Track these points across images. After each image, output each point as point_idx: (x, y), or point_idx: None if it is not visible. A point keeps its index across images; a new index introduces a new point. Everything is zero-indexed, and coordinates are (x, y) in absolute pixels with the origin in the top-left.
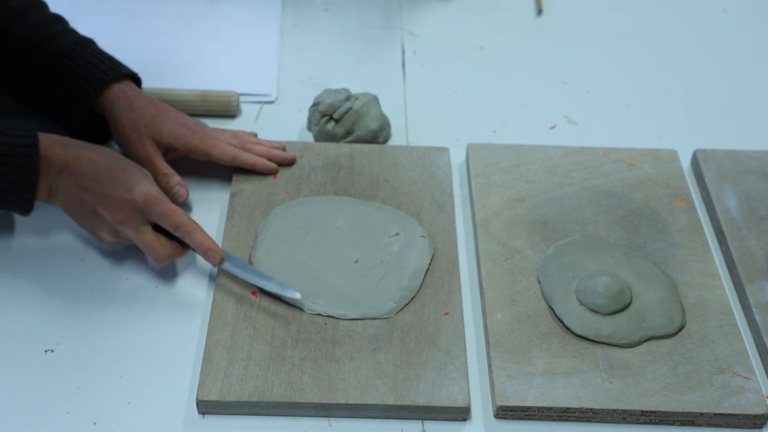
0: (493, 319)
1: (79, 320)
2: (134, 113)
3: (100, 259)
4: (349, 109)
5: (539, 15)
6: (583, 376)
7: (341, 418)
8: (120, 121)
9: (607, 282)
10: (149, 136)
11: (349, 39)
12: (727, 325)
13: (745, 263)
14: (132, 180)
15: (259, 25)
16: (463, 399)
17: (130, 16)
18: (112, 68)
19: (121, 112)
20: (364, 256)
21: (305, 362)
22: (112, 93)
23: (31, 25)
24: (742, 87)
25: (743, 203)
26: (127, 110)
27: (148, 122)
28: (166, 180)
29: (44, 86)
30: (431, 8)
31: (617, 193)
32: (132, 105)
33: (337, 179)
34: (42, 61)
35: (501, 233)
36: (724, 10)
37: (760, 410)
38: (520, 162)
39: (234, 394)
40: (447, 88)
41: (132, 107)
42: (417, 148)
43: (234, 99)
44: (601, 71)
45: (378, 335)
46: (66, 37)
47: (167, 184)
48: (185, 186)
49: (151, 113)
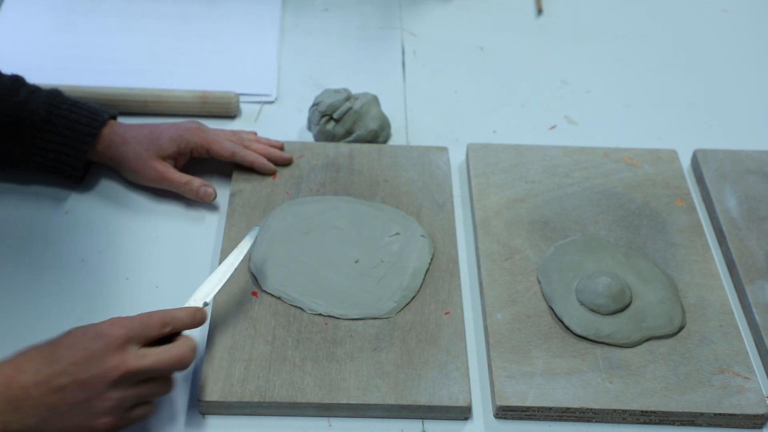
0: (493, 319)
1: (79, 320)
2: (131, 144)
3: (100, 259)
4: (349, 109)
5: (539, 15)
6: (583, 376)
7: (342, 418)
8: (123, 157)
9: (607, 282)
10: (153, 157)
11: (349, 39)
12: (727, 325)
13: (745, 263)
14: (89, 329)
15: (259, 25)
16: (464, 398)
17: (130, 16)
18: (95, 117)
19: (120, 150)
20: (364, 256)
21: (306, 362)
22: (104, 139)
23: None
24: (742, 87)
25: (743, 203)
26: (124, 145)
27: (147, 144)
28: (189, 187)
29: (28, 155)
30: (431, 8)
31: (617, 193)
32: (126, 138)
33: (337, 179)
34: (21, 132)
35: (501, 233)
36: (724, 10)
37: (760, 410)
38: (520, 162)
39: (235, 395)
40: (447, 88)
41: (127, 140)
42: (416, 148)
43: (234, 100)
44: (601, 71)
45: (379, 335)
46: (36, 100)
47: (192, 190)
48: (209, 185)
49: (145, 136)
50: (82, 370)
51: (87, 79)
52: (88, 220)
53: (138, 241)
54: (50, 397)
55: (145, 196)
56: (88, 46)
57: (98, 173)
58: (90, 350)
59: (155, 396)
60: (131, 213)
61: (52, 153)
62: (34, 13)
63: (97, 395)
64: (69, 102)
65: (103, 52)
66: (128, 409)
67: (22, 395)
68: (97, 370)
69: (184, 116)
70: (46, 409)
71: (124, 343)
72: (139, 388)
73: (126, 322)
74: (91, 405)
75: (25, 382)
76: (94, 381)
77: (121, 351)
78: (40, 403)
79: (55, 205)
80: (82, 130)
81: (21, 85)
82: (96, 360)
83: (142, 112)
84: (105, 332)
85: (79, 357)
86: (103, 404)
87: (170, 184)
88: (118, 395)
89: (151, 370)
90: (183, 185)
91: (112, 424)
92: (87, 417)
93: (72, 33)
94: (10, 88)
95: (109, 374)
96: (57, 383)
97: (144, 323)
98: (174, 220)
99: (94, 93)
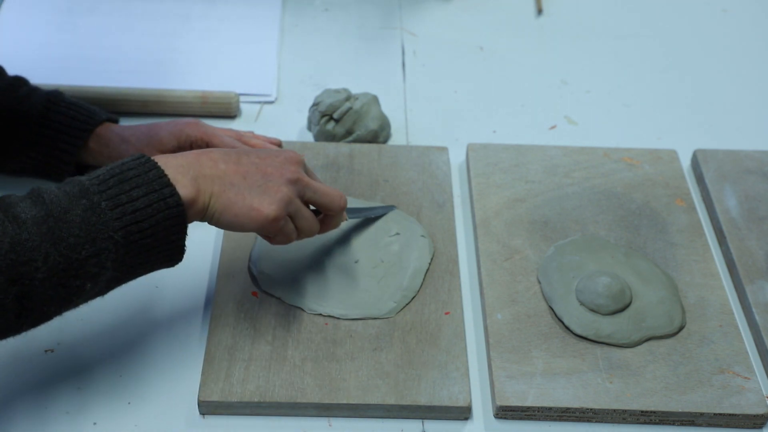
0: (493, 319)
1: (79, 320)
2: (131, 142)
3: None
4: (349, 109)
5: (539, 15)
6: (583, 376)
7: (341, 418)
8: (122, 155)
9: (607, 282)
10: (154, 153)
11: (349, 39)
12: (727, 325)
13: (745, 263)
14: (272, 151)
15: (259, 25)
16: (464, 398)
17: (130, 16)
18: (92, 117)
19: (120, 149)
20: (364, 256)
21: (306, 362)
22: (101, 139)
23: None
24: (742, 87)
25: (743, 203)
26: (123, 144)
27: (147, 141)
28: None
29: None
30: (431, 8)
31: (617, 193)
32: (124, 137)
33: (337, 179)
34: (18, 125)
35: (501, 233)
36: (724, 10)
37: (760, 410)
38: (520, 162)
39: (235, 395)
40: (447, 88)
41: (125, 138)
42: (416, 148)
43: (234, 100)
44: (601, 71)
45: (379, 335)
46: (36, 96)
47: None
48: None
49: (144, 133)
50: (267, 164)
51: (87, 79)
52: None
53: None
54: (235, 177)
55: None
56: (88, 46)
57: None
58: (273, 156)
59: (304, 224)
60: None
61: (46, 148)
62: (34, 13)
63: (274, 184)
64: (68, 101)
65: (103, 52)
66: (289, 215)
67: (212, 167)
68: (278, 167)
69: (184, 116)
70: (229, 184)
71: (300, 163)
72: (301, 205)
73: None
74: (266, 189)
75: (216, 160)
76: (275, 174)
77: (297, 166)
78: (226, 179)
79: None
80: (78, 127)
81: (23, 84)
82: (278, 161)
83: (142, 112)
84: (286, 152)
85: (265, 156)
86: (275, 194)
87: None
88: (289, 192)
89: (316, 191)
90: None
91: (275, 213)
92: (259, 199)
93: (72, 33)
94: (12, 84)
95: (286, 173)
96: (243, 168)
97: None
98: None
99: (94, 93)
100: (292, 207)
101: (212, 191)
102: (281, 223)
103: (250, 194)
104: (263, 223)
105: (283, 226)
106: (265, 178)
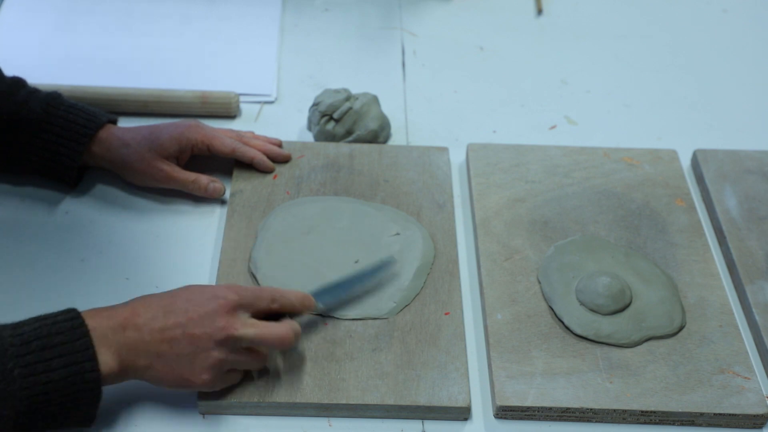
0: (493, 319)
1: None
2: (132, 146)
3: (100, 259)
4: (349, 109)
5: (539, 15)
6: (583, 376)
7: (341, 418)
8: (124, 160)
9: (607, 282)
10: (156, 157)
11: (349, 39)
12: (727, 325)
13: (745, 263)
14: (206, 289)
15: (259, 25)
16: (464, 399)
17: (130, 16)
18: (92, 120)
19: (121, 153)
20: (364, 256)
21: (306, 362)
22: (102, 142)
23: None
24: (742, 87)
25: (743, 203)
26: (124, 148)
27: (148, 145)
28: (197, 185)
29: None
30: (431, 8)
31: (617, 193)
32: (126, 141)
33: (337, 179)
34: (18, 131)
35: (501, 233)
36: (724, 10)
37: (760, 410)
38: (520, 162)
39: (235, 395)
40: (447, 88)
41: (127, 143)
42: (417, 148)
43: (234, 100)
44: (601, 71)
45: (378, 335)
46: (35, 100)
47: (200, 187)
48: (217, 180)
49: (145, 137)
50: (194, 325)
51: (87, 79)
52: (88, 220)
53: (138, 241)
54: (161, 345)
55: (145, 196)
56: (88, 46)
57: (98, 173)
58: (204, 309)
59: (249, 367)
60: (131, 213)
61: (48, 153)
62: (34, 13)
63: (202, 351)
64: (67, 104)
65: (103, 52)
66: (224, 372)
67: (137, 337)
68: (207, 329)
69: (184, 116)
70: (156, 355)
71: (236, 308)
72: (238, 354)
73: (240, 290)
74: (195, 359)
75: (141, 326)
76: (203, 337)
77: (231, 315)
78: (152, 349)
79: (55, 205)
80: (79, 131)
81: (21, 86)
82: (208, 318)
83: (142, 112)
84: (221, 294)
85: (194, 313)
86: (205, 361)
87: (177, 183)
88: (220, 356)
89: (254, 340)
90: (191, 183)
91: (208, 381)
92: (189, 370)
93: (72, 33)
94: (11, 86)
95: (217, 334)
96: (170, 334)
97: (256, 295)
98: (174, 220)
99: (94, 93)
100: (226, 366)
101: (137, 365)
102: (218, 385)
103: (179, 365)
104: (197, 390)
105: (223, 380)
106: (193, 345)
